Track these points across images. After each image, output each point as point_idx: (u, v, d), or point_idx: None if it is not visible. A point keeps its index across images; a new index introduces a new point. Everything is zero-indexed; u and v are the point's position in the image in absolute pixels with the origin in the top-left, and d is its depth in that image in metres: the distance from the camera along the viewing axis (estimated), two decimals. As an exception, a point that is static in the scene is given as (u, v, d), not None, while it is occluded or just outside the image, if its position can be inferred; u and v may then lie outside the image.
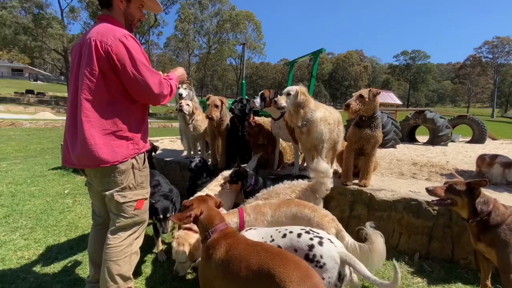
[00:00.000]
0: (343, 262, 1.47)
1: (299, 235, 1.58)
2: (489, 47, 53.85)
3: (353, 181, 2.83)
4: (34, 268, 2.25)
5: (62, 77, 42.85)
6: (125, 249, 1.67)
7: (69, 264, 2.32)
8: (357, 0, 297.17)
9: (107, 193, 1.62)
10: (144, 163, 1.74)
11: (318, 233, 1.59)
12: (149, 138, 4.52)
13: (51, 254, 2.46)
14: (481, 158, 3.53)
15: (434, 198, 1.87)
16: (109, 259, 1.63)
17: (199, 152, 4.10)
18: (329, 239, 1.55)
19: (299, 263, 1.26)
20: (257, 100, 3.10)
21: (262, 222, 2.05)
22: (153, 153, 3.47)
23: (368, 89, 2.69)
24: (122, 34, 1.51)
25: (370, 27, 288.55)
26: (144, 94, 1.58)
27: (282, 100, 2.69)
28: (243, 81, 6.80)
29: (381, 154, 5.40)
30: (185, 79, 2.00)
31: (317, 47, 5.61)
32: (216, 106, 3.37)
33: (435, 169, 4.00)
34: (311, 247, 1.50)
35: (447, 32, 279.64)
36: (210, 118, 3.33)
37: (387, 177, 3.32)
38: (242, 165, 3.44)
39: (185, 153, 4.41)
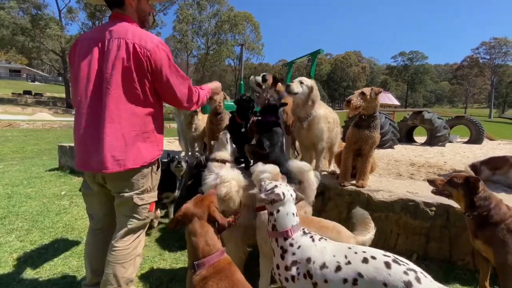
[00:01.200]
0: None
1: (387, 265, 1.17)
2: (486, 48, 54.23)
3: (351, 182, 2.83)
4: (29, 271, 2.23)
5: (60, 78, 42.62)
6: (132, 251, 1.66)
7: (65, 267, 2.30)
8: (355, 1, 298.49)
9: (125, 195, 1.59)
10: (159, 167, 1.76)
11: (407, 263, 1.20)
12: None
13: (47, 256, 2.44)
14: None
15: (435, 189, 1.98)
16: (115, 261, 1.60)
17: (197, 153, 4.09)
18: (422, 272, 1.17)
19: None
20: (258, 78, 3.05)
21: None
22: None
23: (370, 87, 2.69)
24: (159, 41, 1.56)
25: (368, 28, 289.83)
26: (174, 98, 1.65)
27: (295, 87, 2.67)
28: (241, 82, 6.81)
29: (379, 154, 5.41)
30: (218, 93, 2.11)
31: (315, 48, 5.62)
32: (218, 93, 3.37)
33: (433, 169, 4.01)
34: (408, 284, 1.10)
35: (445, 33, 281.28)
36: (210, 99, 3.24)
37: (384, 178, 3.32)
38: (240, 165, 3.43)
39: (183, 154, 4.40)
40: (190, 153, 4.10)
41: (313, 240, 1.38)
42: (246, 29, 42.15)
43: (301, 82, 2.71)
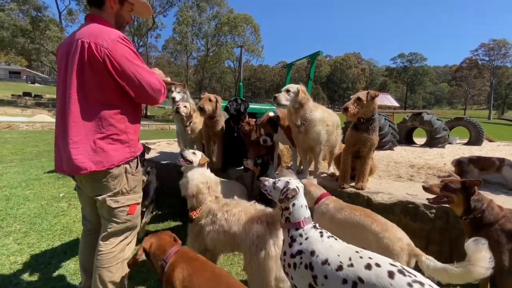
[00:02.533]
0: None
1: (391, 275, 1.14)
2: (486, 49, 54.38)
3: (350, 184, 2.82)
4: (26, 274, 2.22)
5: (60, 79, 42.67)
6: (117, 255, 1.63)
7: (62, 270, 2.29)
8: (355, 3, 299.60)
9: (99, 198, 1.57)
10: (137, 167, 1.70)
11: (415, 276, 1.15)
12: (147, 141, 4.46)
13: (44, 259, 2.43)
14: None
15: (431, 196, 1.93)
16: (101, 266, 1.59)
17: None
18: (430, 285, 1.11)
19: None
20: (267, 140, 3.10)
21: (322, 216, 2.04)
22: (145, 155, 3.39)
23: (366, 91, 2.68)
24: (117, 36, 1.47)
25: (367, 30, 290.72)
26: (144, 94, 1.55)
27: (283, 97, 2.68)
28: (241, 83, 6.81)
29: (378, 156, 5.40)
30: (165, 80, 1.92)
31: (315, 50, 5.63)
32: (210, 100, 3.36)
33: (433, 171, 4.00)
34: None
35: (444, 34, 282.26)
36: (201, 109, 3.28)
37: (384, 180, 3.31)
38: (239, 168, 3.43)
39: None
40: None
41: (321, 236, 1.43)
42: (246, 31, 42.23)
43: (288, 91, 2.70)
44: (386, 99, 20.00)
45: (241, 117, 3.33)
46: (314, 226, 1.50)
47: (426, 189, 1.91)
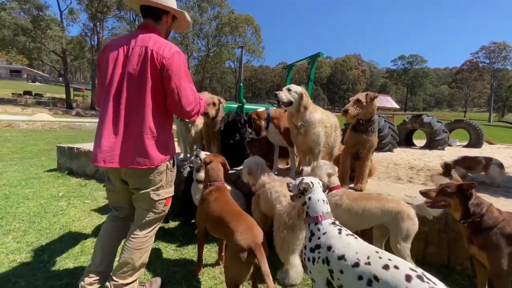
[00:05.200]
0: None
1: (408, 278, 1.15)
2: (486, 52, 54.45)
3: (349, 185, 2.83)
4: (25, 272, 2.21)
5: (61, 78, 42.73)
6: (148, 239, 1.84)
7: (61, 268, 2.28)
8: (355, 5, 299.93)
9: (143, 191, 1.75)
10: (174, 164, 1.90)
11: (434, 283, 1.14)
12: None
13: (43, 257, 2.43)
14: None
15: (429, 200, 1.93)
16: (134, 247, 1.77)
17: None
18: None
19: (249, 221, 1.79)
20: (248, 132, 3.25)
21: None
22: None
23: (366, 93, 2.69)
24: (176, 50, 1.66)
25: (368, 32, 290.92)
26: (178, 107, 1.71)
27: (283, 95, 2.67)
28: (241, 84, 6.82)
29: (378, 158, 5.41)
30: (210, 102, 2.28)
31: (316, 51, 5.64)
32: (214, 104, 3.37)
33: (432, 173, 4.00)
34: None
35: (445, 37, 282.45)
36: (205, 114, 3.31)
37: (383, 181, 3.32)
38: (236, 168, 3.44)
39: (181, 155, 4.39)
40: (188, 155, 4.09)
41: (339, 233, 1.48)
42: (246, 31, 42.29)
43: (289, 90, 2.69)
44: (386, 101, 20.02)
45: (238, 127, 3.32)
46: (333, 223, 1.55)
47: (423, 194, 1.92)
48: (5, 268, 2.26)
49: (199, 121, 3.84)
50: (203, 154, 2.64)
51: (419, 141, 8.85)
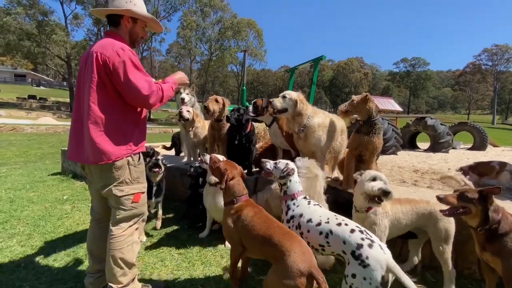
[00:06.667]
0: (389, 269, 1.48)
1: (352, 231, 1.61)
2: (489, 54, 54.20)
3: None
4: (30, 276, 2.22)
5: (65, 82, 43.07)
6: (127, 238, 1.82)
7: (65, 272, 2.28)
8: (357, 8, 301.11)
9: (107, 188, 1.76)
10: (139, 160, 1.89)
11: (370, 236, 1.59)
12: (151, 144, 4.49)
13: (47, 261, 2.43)
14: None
15: (446, 207, 1.82)
16: (113, 248, 1.78)
17: (199, 158, 4.08)
18: (380, 245, 1.54)
19: (301, 242, 1.65)
20: (250, 108, 3.12)
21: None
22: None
23: (363, 94, 2.73)
24: (119, 47, 1.70)
25: (370, 35, 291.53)
26: (134, 97, 1.73)
27: (277, 102, 2.69)
28: (244, 88, 6.85)
29: (382, 160, 5.38)
30: (185, 82, 2.13)
31: (318, 54, 5.67)
32: (216, 101, 3.36)
33: (437, 176, 3.97)
34: (359, 246, 1.53)
35: (447, 39, 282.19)
36: (205, 108, 3.31)
37: (388, 185, 3.29)
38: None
39: (185, 159, 4.39)
40: (192, 159, 4.09)
41: (308, 204, 1.92)
42: (249, 35, 42.52)
43: (284, 97, 2.70)
44: (389, 104, 19.93)
45: (243, 127, 3.29)
46: (305, 197, 1.97)
47: (441, 199, 1.77)
48: (10, 272, 2.26)
49: (200, 124, 3.84)
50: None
51: (423, 144, 8.80)
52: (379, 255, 1.48)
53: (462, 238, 2.31)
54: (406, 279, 1.44)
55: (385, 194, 1.85)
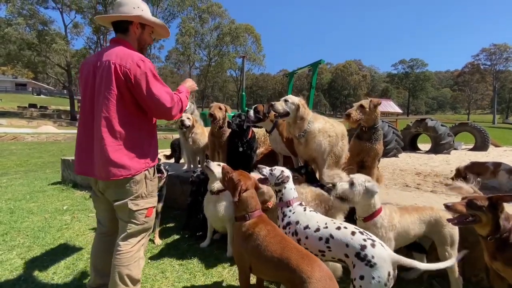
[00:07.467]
0: (395, 263, 1.51)
1: (353, 233, 1.61)
2: (487, 54, 54.40)
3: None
4: (29, 290, 2.18)
5: (65, 90, 43.36)
6: (134, 254, 1.77)
7: (65, 285, 2.25)
8: (355, 11, 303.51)
9: (120, 202, 1.71)
10: (154, 174, 1.87)
11: (371, 236, 1.61)
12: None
13: (47, 274, 2.39)
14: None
15: (454, 216, 1.72)
16: (120, 264, 1.72)
17: (199, 166, 4.06)
18: (381, 243, 1.57)
19: (322, 266, 1.50)
20: (251, 113, 3.10)
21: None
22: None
23: (369, 99, 2.67)
24: (139, 58, 1.66)
25: (368, 37, 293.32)
26: (157, 110, 1.72)
27: (279, 106, 2.66)
28: (243, 93, 6.85)
29: (383, 163, 5.34)
30: (195, 89, 2.16)
31: (316, 58, 5.67)
32: (220, 108, 3.37)
33: (439, 179, 3.94)
34: (363, 247, 1.53)
35: (444, 40, 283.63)
36: (211, 115, 3.31)
37: (391, 189, 3.26)
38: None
39: (185, 166, 4.37)
40: (192, 166, 4.07)
41: (304, 210, 1.89)
42: (247, 41, 42.84)
43: (286, 101, 2.68)
44: (389, 106, 19.95)
45: (244, 133, 3.27)
46: (300, 204, 1.94)
47: (449, 208, 1.66)
48: (10, 286, 2.23)
49: (199, 131, 3.82)
50: (213, 165, 2.52)
51: (424, 145, 8.76)
52: (383, 252, 1.50)
53: (468, 245, 2.26)
54: (415, 262, 1.51)
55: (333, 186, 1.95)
